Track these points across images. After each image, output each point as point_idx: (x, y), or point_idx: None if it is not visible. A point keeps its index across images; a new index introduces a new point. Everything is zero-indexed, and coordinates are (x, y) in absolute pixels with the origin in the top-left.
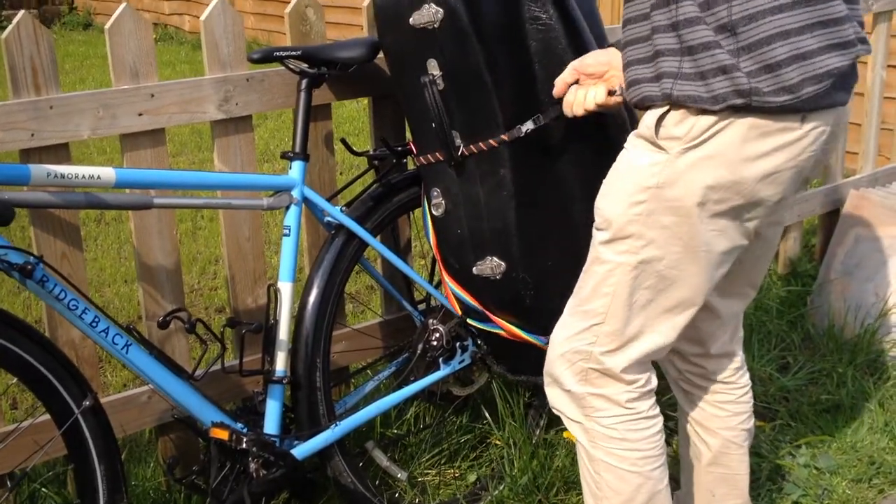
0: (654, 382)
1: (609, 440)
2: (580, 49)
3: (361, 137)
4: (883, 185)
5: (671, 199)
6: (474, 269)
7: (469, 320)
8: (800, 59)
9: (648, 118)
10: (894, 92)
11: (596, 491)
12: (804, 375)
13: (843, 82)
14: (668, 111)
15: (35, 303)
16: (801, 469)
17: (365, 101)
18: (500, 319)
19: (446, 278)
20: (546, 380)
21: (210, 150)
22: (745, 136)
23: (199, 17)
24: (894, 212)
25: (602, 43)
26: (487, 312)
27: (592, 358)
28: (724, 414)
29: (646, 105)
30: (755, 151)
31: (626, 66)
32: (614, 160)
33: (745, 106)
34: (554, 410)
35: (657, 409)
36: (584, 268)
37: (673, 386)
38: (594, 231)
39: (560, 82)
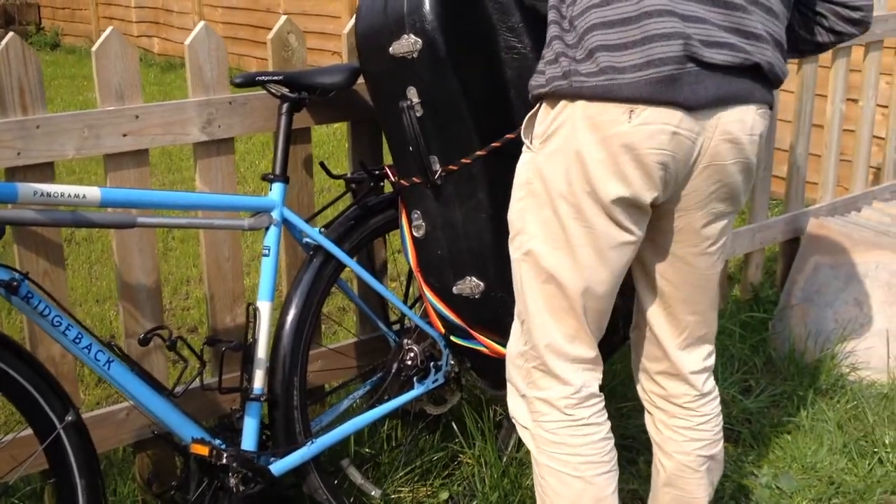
0: (593, 388)
1: (551, 445)
2: None
3: (332, 161)
4: (842, 214)
5: (539, 194)
6: (454, 288)
7: (452, 337)
8: (621, 48)
9: (525, 120)
10: (853, 125)
11: (542, 495)
12: (766, 398)
13: (687, 82)
14: (536, 111)
15: (6, 322)
16: (763, 489)
17: (336, 125)
18: (481, 336)
19: (429, 296)
20: (508, 389)
21: (180, 172)
22: (578, 126)
23: (168, 40)
24: (853, 240)
25: None
26: (469, 329)
27: (530, 356)
28: (681, 439)
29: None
30: (589, 141)
31: None
32: None
33: (569, 88)
34: (512, 420)
35: (602, 417)
36: None
37: (644, 406)
38: None
39: None
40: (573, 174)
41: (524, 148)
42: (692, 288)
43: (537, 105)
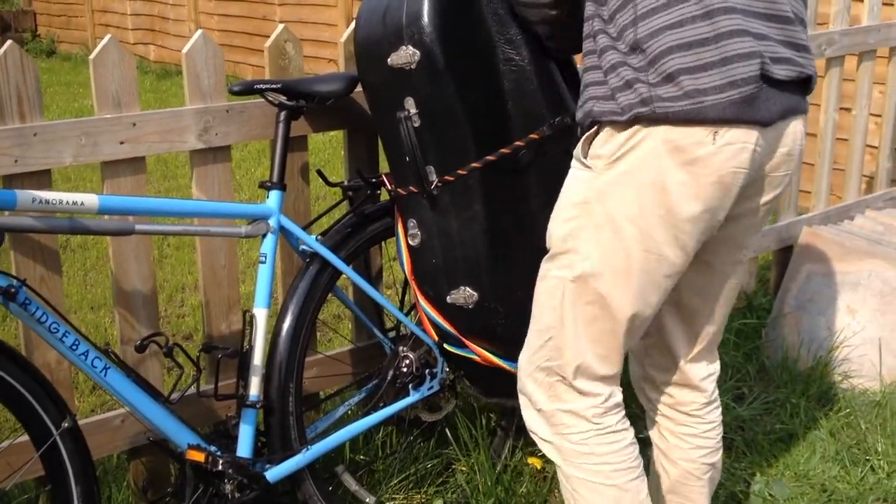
0: (619, 396)
1: (580, 456)
2: (552, 88)
3: (327, 168)
4: (834, 222)
5: (597, 215)
6: (448, 297)
7: (445, 345)
8: (700, 70)
9: (582, 140)
10: (845, 133)
11: None
12: (759, 406)
13: (762, 100)
14: (596, 132)
15: (1, 328)
16: (756, 496)
17: (332, 133)
18: (474, 345)
19: (423, 304)
20: (522, 402)
21: (175, 179)
22: (658, 150)
23: (164, 47)
24: (846, 249)
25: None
26: (462, 338)
27: (553, 372)
28: (687, 446)
29: (585, 125)
30: (670, 164)
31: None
32: None
33: (651, 115)
34: (530, 433)
35: (626, 423)
36: (535, 288)
37: (646, 413)
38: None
39: None
40: (647, 198)
41: (578, 166)
42: (720, 299)
43: (595, 127)
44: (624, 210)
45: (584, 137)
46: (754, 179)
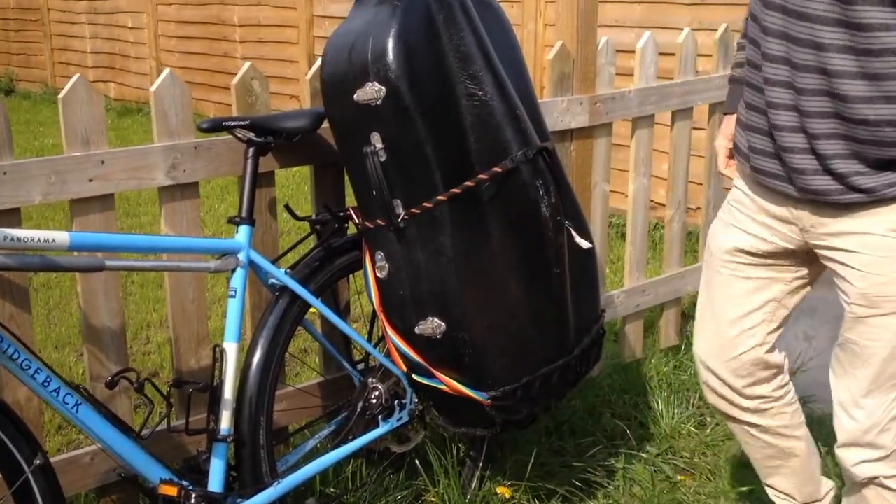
0: None
1: None
2: (514, 121)
3: (292, 202)
4: None
5: None
6: (416, 328)
7: (414, 376)
8: None
9: None
10: None
11: None
12: (721, 431)
13: None
14: None
15: None
16: None
17: (295, 168)
18: (442, 375)
19: (391, 335)
20: (870, 468)
21: (138, 216)
22: None
23: (124, 84)
24: None
25: (534, 114)
26: (431, 368)
27: None
28: (790, 409)
29: None
30: None
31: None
32: (538, 232)
33: None
34: (874, 484)
35: None
36: (855, 354)
37: (756, 415)
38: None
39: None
40: None
41: None
42: None
43: None
44: None
45: None
46: None
